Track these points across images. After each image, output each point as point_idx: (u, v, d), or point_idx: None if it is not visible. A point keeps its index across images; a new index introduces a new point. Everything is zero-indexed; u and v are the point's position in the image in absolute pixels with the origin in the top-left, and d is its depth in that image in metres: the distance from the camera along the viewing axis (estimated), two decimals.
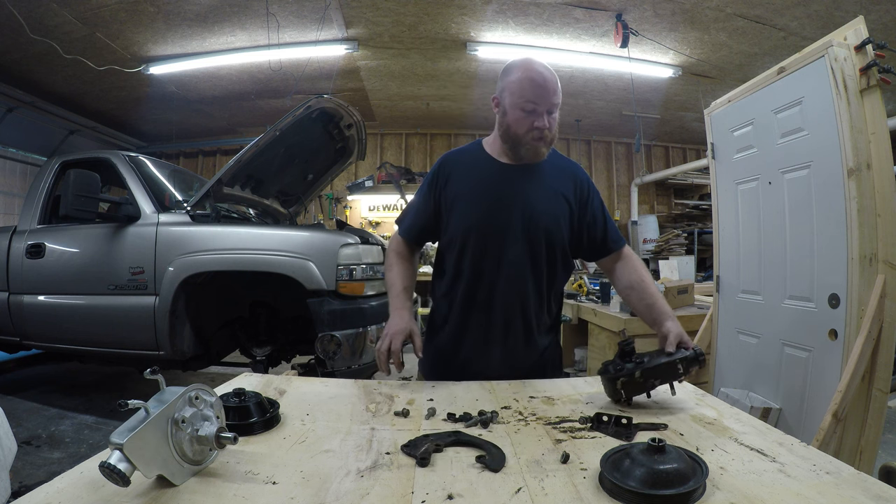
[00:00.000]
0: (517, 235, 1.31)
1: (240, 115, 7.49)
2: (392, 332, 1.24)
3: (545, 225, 1.33)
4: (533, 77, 1.26)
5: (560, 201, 1.36)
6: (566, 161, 1.47)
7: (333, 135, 3.60)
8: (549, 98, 1.26)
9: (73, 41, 4.82)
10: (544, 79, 1.26)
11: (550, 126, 1.29)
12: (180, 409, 0.71)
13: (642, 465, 0.67)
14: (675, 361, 1.03)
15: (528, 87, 1.26)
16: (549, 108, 1.27)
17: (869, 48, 1.95)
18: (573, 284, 4.41)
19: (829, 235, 2.07)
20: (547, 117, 1.27)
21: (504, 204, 1.32)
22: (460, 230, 1.34)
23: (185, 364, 3.16)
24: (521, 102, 1.27)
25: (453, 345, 1.39)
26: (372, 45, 5.34)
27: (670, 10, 4.54)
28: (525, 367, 1.37)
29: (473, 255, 1.33)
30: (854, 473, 0.72)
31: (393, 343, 1.21)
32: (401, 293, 1.35)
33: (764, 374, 2.50)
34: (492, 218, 1.32)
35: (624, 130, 8.13)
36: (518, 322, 1.35)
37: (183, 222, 2.99)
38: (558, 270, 1.40)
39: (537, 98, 1.26)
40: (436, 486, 0.70)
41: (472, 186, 1.36)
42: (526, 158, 1.33)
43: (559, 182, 1.39)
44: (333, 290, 2.71)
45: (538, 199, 1.34)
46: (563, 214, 1.36)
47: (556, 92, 1.28)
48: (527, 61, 1.31)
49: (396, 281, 1.38)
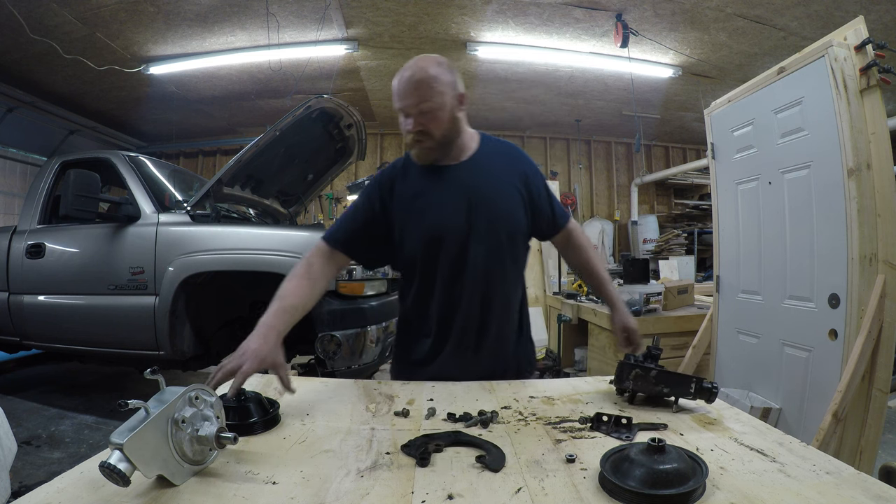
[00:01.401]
0: (478, 234, 1.26)
1: (240, 115, 7.49)
2: (250, 354, 0.98)
3: (504, 218, 1.29)
4: (396, 82, 1.20)
5: (512, 190, 1.31)
6: (502, 145, 1.40)
7: (333, 135, 3.60)
8: (412, 98, 1.18)
9: (73, 41, 4.82)
10: (406, 80, 1.19)
11: (427, 126, 1.19)
12: (180, 409, 0.71)
13: (642, 465, 0.67)
14: (689, 379, 1.02)
15: (394, 92, 1.21)
16: (419, 107, 1.18)
17: (869, 48, 1.95)
18: (573, 284, 4.41)
19: (829, 235, 2.07)
20: (418, 118, 1.19)
21: (456, 205, 1.26)
22: (418, 242, 1.27)
23: (185, 364, 3.16)
24: (396, 109, 1.22)
25: (426, 353, 1.33)
26: (372, 45, 5.35)
27: (670, 10, 4.54)
28: (501, 366, 1.35)
29: (438, 263, 1.27)
30: (854, 473, 0.72)
31: (245, 365, 0.96)
32: (284, 310, 1.12)
33: (764, 374, 2.50)
34: (447, 222, 1.25)
35: (624, 130, 8.14)
36: (491, 321, 1.31)
37: (183, 222, 2.99)
38: (521, 260, 1.37)
39: (401, 102, 1.20)
40: (436, 486, 0.70)
41: (417, 194, 1.28)
42: (422, 162, 1.28)
43: (504, 170, 1.33)
44: (333, 290, 2.71)
45: (489, 192, 1.28)
46: (518, 202, 1.31)
47: (420, 89, 1.17)
48: (407, 64, 1.22)
49: (288, 294, 1.16)
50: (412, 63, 1.21)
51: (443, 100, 1.20)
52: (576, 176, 8.92)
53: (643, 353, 1.09)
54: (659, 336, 1.24)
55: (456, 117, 1.25)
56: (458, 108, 1.25)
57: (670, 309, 3.44)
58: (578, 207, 8.82)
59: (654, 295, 3.30)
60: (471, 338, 1.30)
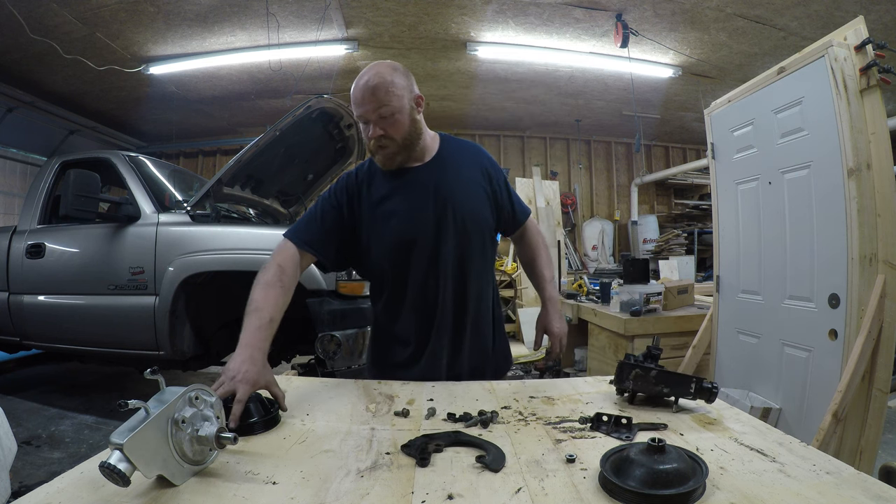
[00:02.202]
0: (447, 234, 1.27)
1: (240, 115, 7.49)
2: (240, 379, 0.94)
3: (472, 217, 1.31)
4: (353, 90, 1.21)
5: (477, 187, 1.34)
6: (466, 145, 1.42)
7: (333, 135, 3.60)
8: (370, 104, 1.19)
9: (73, 41, 4.82)
10: (362, 87, 1.20)
11: (388, 132, 1.21)
12: (180, 409, 0.71)
13: (642, 465, 0.67)
14: (689, 379, 1.03)
15: (352, 100, 1.22)
16: (379, 113, 1.19)
17: (869, 48, 1.95)
18: (573, 284, 4.41)
19: (829, 235, 2.07)
20: (379, 123, 1.20)
21: (424, 206, 1.27)
22: (388, 243, 1.28)
23: (185, 364, 3.16)
24: (356, 116, 1.24)
25: (408, 355, 1.33)
26: (372, 45, 5.35)
27: (670, 10, 4.54)
28: (482, 362, 1.36)
29: (411, 264, 1.28)
30: (854, 473, 0.72)
31: (238, 391, 0.92)
32: (265, 326, 1.07)
33: (764, 374, 2.50)
34: (417, 223, 1.27)
35: (624, 130, 8.14)
36: (467, 318, 1.32)
37: (183, 222, 2.99)
38: (490, 256, 1.39)
39: (360, 109, 1.21)
40: (436, 486, 0.70)
41: (385, 197, 1.29)
42: (386, 167, 1.28)
43: (467, 168, 1.35)
44: (333, 289, 2.71)
45: (456, 192, 1.30)
46: (483, 199, 1.34)
47: (377, 96, 1.18)
48: (363, 70, 1.22)
49: (265, 307, 1.10)
50: (366, 70, 1.23)
51: (401, 103, 1.21)
52: (576, 176, 8.92)
53: (643, 353, 1.09)
54: (659, 336, 1.24)
55: (416, 119, 1.26)
56: (417, 111, 1.27)
57: (670, 309, 3.44)
58: (578, 207, 8.82)
59: (654, 295, 3.30)
60: (448, 336, 1.31)
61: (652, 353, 1.08)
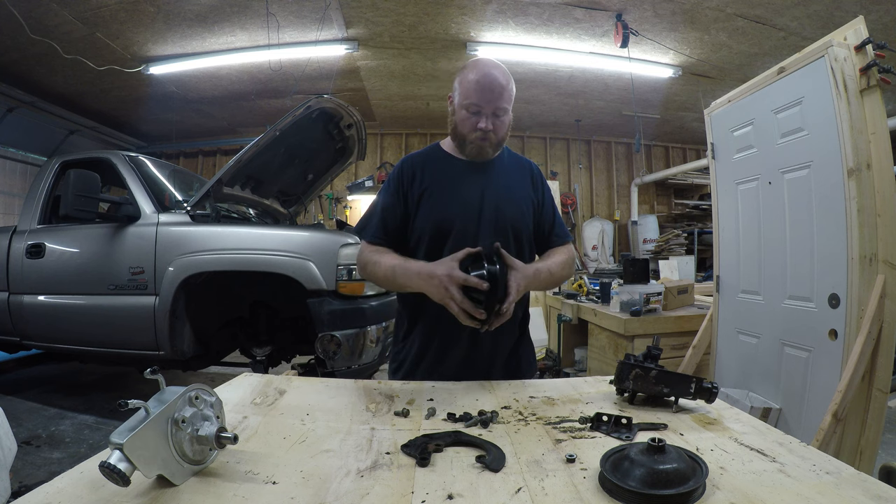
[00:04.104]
0: (486, 229, 1.30)
1: (240, 115, 7.49)
2: (443, 280, 1.10)
3: (512, 218, 1.34)
4: (480, 79, 1.27)
5: (524, 195, 1.39)
6: (522, 158, 1.50)
7: (333, 135, 3.61)
8: (495, 101, 1.27)
9: (73, 41, 4.82)
10: (491, 81, 1.26)
11: (496, 128, 1.29)
12: (180, 409, 0.71)
13: (642, 465, 0.67)
14: (689, 379, 1.03)
15: (474, 88, 1.27)
16: (495, 110, 1.28)
17: (869, 48, 1.95)
18: (573, 284, 4.41)
19: (829, 235, 2.07)
20: (492, 119, 1.28)
21: (470, 198, 1.32)
22: (428, 227, 1.31)
23: (185, 364, 3.17)
24: (467, 103, 1.28)
25: (427, 350, 1.34)
26: (372, 45, 5.35)
27: (670, 10, 4.54)
28: (501, 365, 1.36)
29: (444, 251, 1.28)
30: (854, 473, 0.72)
31: (454, 294, 1.09)
32: (405, 260, 1.25)
33: (764, 374, 2.50)
34: (459, 212, 1.31)
35: (624, 130, 8.13)
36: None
37: (183, 222, 2.99)
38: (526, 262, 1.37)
39: (482, 100, 1.26)
40: (436, 486, 0.70)
41: (436, 183, 1.34)
42: (471, 157, 1.34)
43: (519, 176, 1.42)
44: (333, 290, 2.71)
45: (503, 193, 1.35)
46: (527, 208, 1.38)
47: (503, 95, 1.27)
48: (480, 62, 1.31)
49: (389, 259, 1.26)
50: (491, 66, 1.29)
51: (510, 107, 1.32)
52: (576, 176, 8.92)
53: (643, 353, 1.09)
54: (659, 336, 1.24)
55: (510, 125, 1.36)
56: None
57: (670, 309, 3.44)
58: (578, 207, 8.82)
59: (654, 295, 3.30)
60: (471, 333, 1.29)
61: (652, 353, 1.08)
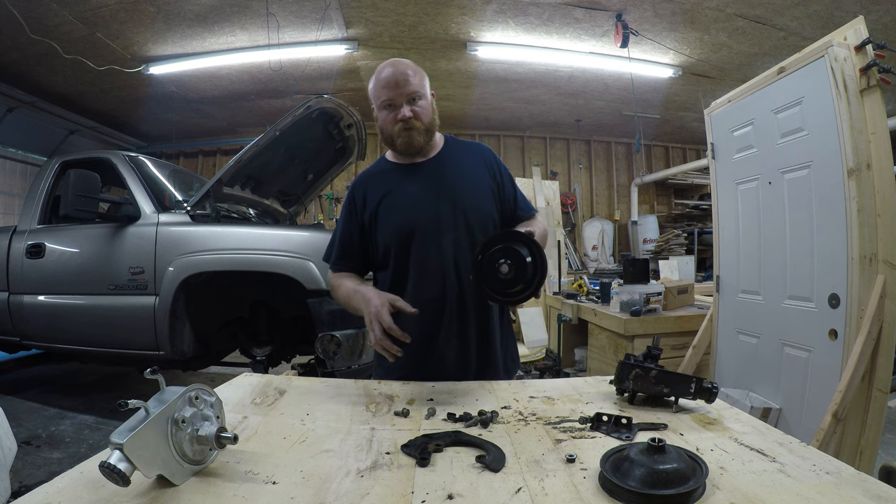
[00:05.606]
0: (447, 225, 1.30)
1: (240, 115, 7.49)
2: (373, 310, 1.13)
3: (472, 207, 1.33)
4: (384, 77, 1.28)
5: (480, 182, 1.38)
6: (471, 144, 1.48)
7: (333, 135, 3.60)
8: (404, 88, 1.27)
9: (73, 41, 4.82)
10: (393, 73, 1.28)
11: (416, 115, 1.29)
12: (180, 409, 0.71)
13: (642, 465, 0.67)
14: (689, 379, 1.03)
15: (381, 86, 1.29)
16: (409, 97, 1.28)
17: (869, 48, 1.95)
18: (573, 284, 4.41)
19: (829, 235, 2.07)
20: (409, 107, 1.28)
21: (424, 199, 1.32)
22: (389, 237, 1.32)
23: (185, 364, 3.16)
24: (380, 103, 1.30)
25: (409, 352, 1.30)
26: (372, 45, 5.35)
27: (670, 10, 4.54)
28: (485, 360, 1.36)
29: (410, 255, 1.31)
30: (854, 473, 0.72)
31: (382, 319, 1.11)
32: (358, 284, 1.31)
33: (764, 374, 2.50)
34: (416, 215, 1.31)
35: (624, 130, 8.14)
36: (469, 311, 1.32)
37: (183, 222, 2.99)
38: None
39: (391, 93, 1.28)
40: (436, 486, 0.70)
41: (386, 195, 1.35)
42: (404, 151, 1.34)
43: (472, 164, 1.40)
44: None
45: (458, 185, 1.34)
46: (486, 193, 1.37)
47: (411, 81, 1.28)
48: (382, 65, 1.32)
49: (349, 283, 1.33)
50: (391, 62, 1.31)
51: (427, 92, 1.32)
52: (576, 176, 8.92)
53: (643, 353, 1.09)
54: (659, 336, 1.24)
55: (435, 110, 1.36)
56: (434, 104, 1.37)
57: (670, 309, 3.44)
58: (578, 207, 8.82)
59: (654, 295, 3.30)
60: (455, 332, 1.31)
61: (652, 353, 1.08)
